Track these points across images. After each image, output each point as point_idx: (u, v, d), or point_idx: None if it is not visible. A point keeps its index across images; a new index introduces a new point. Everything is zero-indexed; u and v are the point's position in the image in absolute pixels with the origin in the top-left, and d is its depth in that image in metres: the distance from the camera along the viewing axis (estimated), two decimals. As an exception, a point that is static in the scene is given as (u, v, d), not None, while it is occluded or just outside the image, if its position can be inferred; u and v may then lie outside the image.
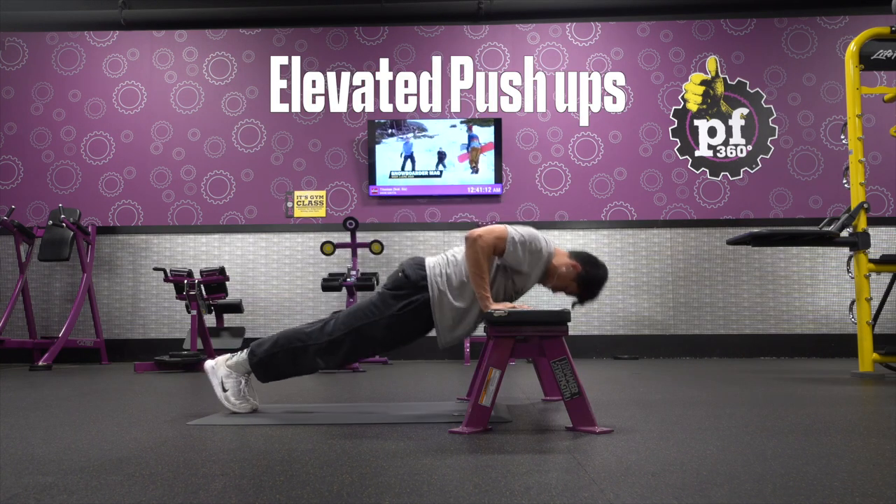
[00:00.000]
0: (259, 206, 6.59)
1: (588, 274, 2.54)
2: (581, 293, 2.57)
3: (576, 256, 2.56)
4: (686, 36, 6.71)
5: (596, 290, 2.58)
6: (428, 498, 1.32)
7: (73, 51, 6.79)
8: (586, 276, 2.54)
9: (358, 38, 6.78)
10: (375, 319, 2.46)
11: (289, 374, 2.56)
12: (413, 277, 2.48)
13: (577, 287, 2.55)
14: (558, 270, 2.52)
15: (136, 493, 1.37)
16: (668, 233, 6.49)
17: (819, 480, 1.44)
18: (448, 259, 2.53)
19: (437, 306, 2.46)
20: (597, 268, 2.56)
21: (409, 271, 2.50)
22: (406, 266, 2.53)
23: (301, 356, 2.50)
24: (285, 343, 2.50)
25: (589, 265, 2.55)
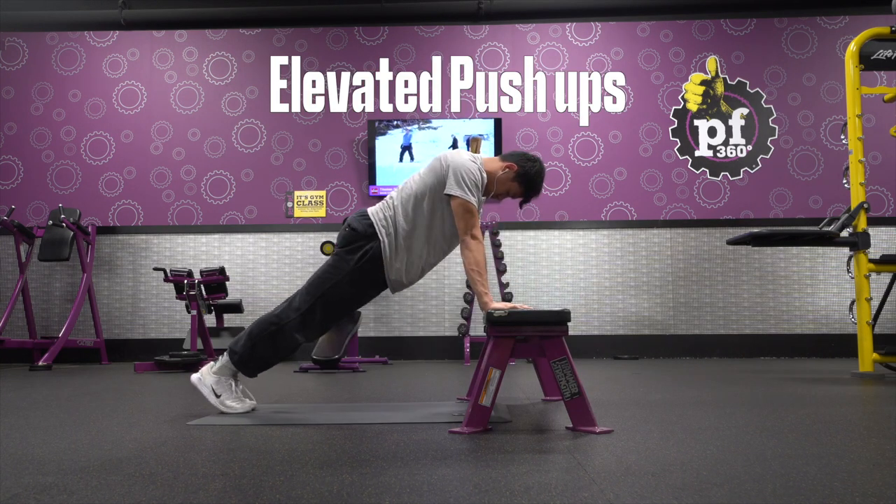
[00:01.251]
0: (259, 206, 6.59)
1: (525, 169, 2.58)
2: (524, 191, 2.61)
3: (508, 157, 2.61)
4: (686, 36, 6.71)
5: (538, 183, 2.61)
6: (428, 498, 1.32)
7: (73, 51, 6.79)
8: (525, 172, 2.58)
9: (358, 38, 6.78)
10: (337, 280, 2.48)
11: (273, 359, 2.56)
12: (360, 229, 2.51)
13: (518, 186, 2.60)
14: (496, 176, 2.56)
15: (136, 493, 1.37)
16: (668, 233, 6.49)
17: (819, 480, 1.44)
18: (388, 203, 2.55)
19: (387, 250, 2.48)
20: (532, 161, 2.60)
21: (354, 224, 2.53)
22: (351, 220, 2.56)
23: (279, 338, 2.49)
24: (260, 331, 2.50)
25: (524, 161, 2.59)
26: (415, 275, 2.57)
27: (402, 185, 2.59)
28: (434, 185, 2.49)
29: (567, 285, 6.40)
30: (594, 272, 6.43)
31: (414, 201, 2.50)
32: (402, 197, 2.53)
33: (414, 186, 2.53)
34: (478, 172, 2.49)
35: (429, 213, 2.50)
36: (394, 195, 2.57)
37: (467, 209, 2.44)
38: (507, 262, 6.33)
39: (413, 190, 2.52)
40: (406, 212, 2.50)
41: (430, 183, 2.49)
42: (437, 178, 2.48)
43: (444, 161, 2.49)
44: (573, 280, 6.41)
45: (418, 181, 2.53)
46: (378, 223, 2.50)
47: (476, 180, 2.47)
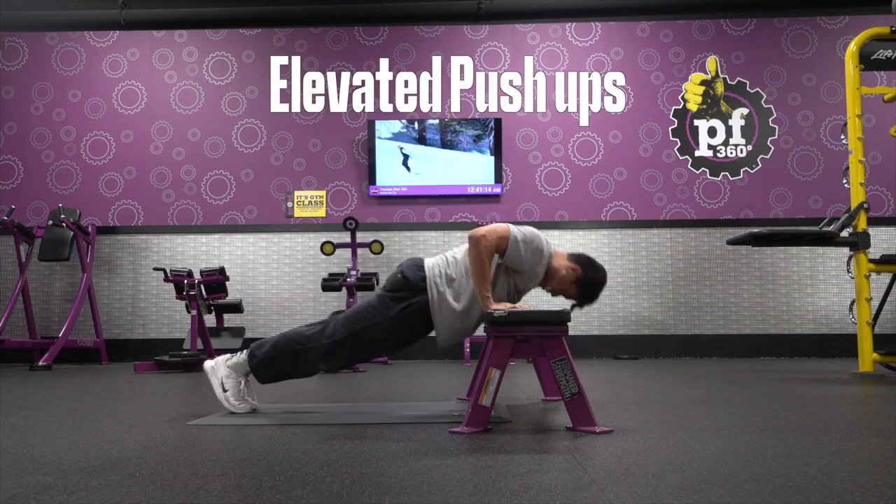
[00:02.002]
0: (259, 206, 6.59)
1: (587, 276, 2.52)
2: (580, 296, 2.55)
3: (575, 259, 2.54)
4: (686, 36, 6.71)
5: (595, 293, 2.56)
6: (428, 498, 1.32)
7: (73, 51, 6.79)
8: (585, 279, 2.51)
9: (358, 38, 6.78)
10: (375, 322, 2.44)
11: (288, 376, 2.55)
12: (412, 279, 2.46)
13: (576, 290, 2.53)
14: (558, 273, 2.50)
15: (136, 493, 1.37)
16: (668, 233, 6.49)
17: (819, 480, 1.44)
18: (448, 260, 2.51)
19: (436, 307, 2.44)
20: (596, 271, 2.54)
21: (407, 272, 2.48)
22: (405, 267, 2.51)
23: (301, 359, 2.49)
24: (285, 345, 2.48)
25: (588, 268, 2.53)
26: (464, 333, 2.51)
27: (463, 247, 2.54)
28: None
29: (567, 285, 6.39)
30: (594, 272, 6.41)
31: None
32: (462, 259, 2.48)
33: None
34: (545, 245, 2.44)
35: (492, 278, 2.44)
36: (456, 252, 2.53)
37: (502, 235, 2.36)
38: (507, 262, 6.32)
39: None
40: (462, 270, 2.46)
41: None
42: None
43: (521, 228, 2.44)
44: (573, 280, 6.39)
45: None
46: (431, 279, 2.46)
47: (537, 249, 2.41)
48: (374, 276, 5.88)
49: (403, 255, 6.47)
